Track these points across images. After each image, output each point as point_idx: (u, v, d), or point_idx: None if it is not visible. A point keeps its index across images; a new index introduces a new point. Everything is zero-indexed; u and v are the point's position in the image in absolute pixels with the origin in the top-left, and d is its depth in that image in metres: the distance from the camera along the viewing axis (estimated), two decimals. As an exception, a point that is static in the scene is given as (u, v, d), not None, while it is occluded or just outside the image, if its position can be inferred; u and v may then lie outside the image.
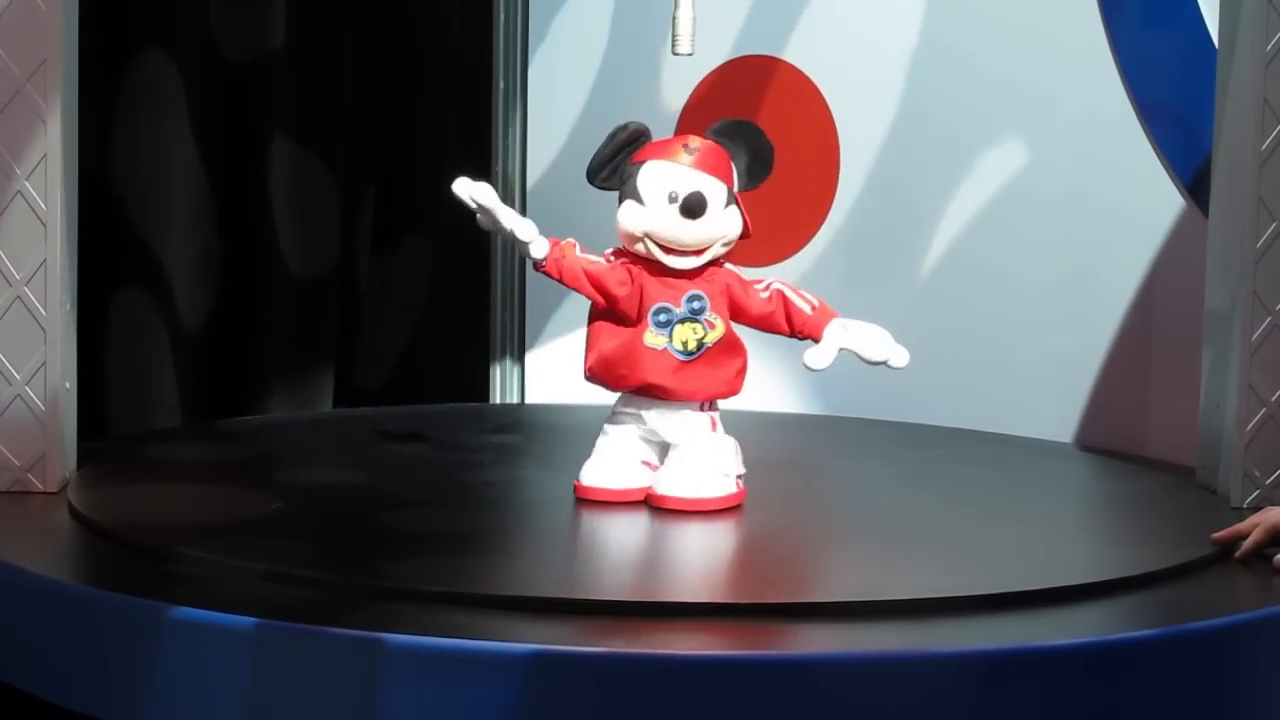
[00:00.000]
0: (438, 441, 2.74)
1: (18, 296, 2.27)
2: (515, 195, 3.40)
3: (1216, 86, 2.44)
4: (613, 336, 2.26)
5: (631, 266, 2.26)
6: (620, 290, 2.25)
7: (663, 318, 2.24)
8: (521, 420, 3.11)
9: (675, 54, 2.55)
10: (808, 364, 2.24)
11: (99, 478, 2.36)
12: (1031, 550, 2.15)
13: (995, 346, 2.96)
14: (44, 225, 2.27)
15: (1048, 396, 2.91)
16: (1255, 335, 2.36)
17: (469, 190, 2.25)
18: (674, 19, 2.53)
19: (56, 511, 2.21)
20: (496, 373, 3.43)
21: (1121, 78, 2.82)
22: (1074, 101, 2.88)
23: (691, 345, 2.25)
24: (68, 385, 2.33)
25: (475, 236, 3.39)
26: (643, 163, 2.25)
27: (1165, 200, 2.78)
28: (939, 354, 2.99)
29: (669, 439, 2.28)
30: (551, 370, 3.38)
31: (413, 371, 3.33)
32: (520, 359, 3.43)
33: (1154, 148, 2.79)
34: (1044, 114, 2.92)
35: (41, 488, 2.29)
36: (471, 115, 3.38)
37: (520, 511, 2.43)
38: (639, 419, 2.28)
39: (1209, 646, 1.82)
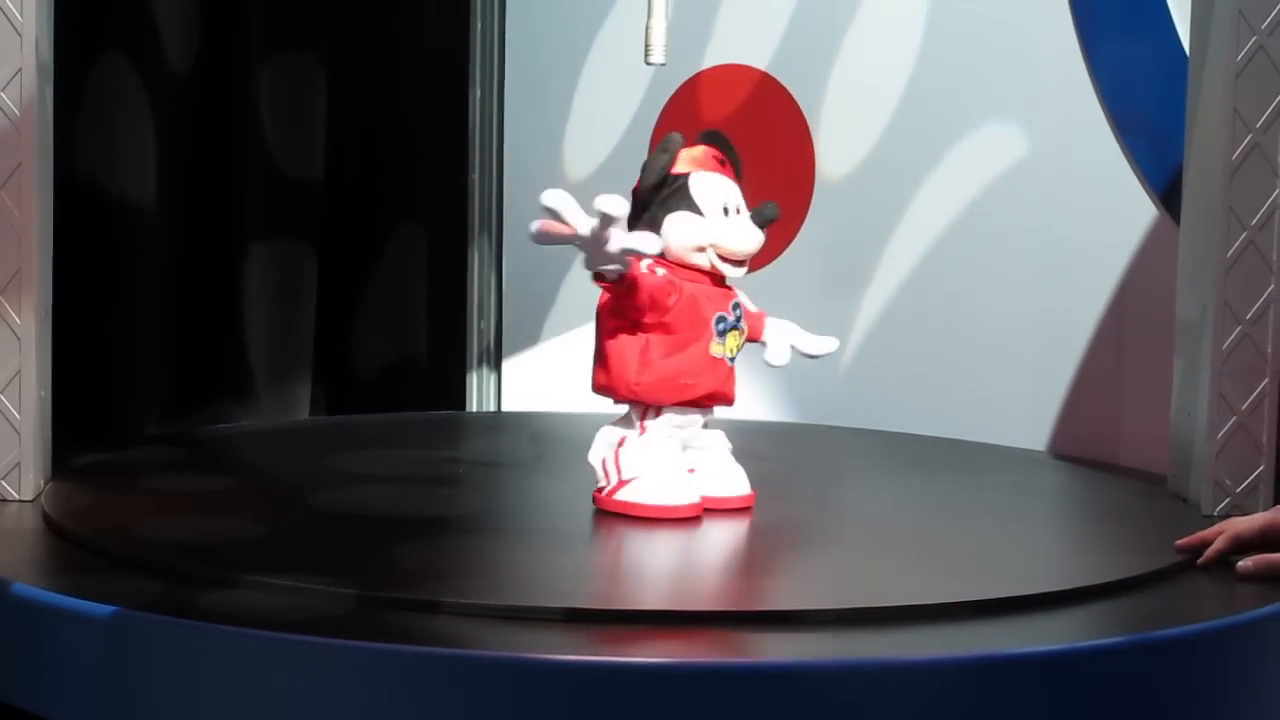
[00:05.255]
0: (415, 449, 2.74)
1: (-8, 305, 2.28)
2: (491, 201, 3.41)
3: (1188, 96, 2.46)
4: (671, 349, 2.24)
5: (673, 278, 2.24)
6: (671, 302, 2.23)
7: (721, 326, 2.26)
8: (499, 428, 3.11)
9: (648, 64, 2.56)
10: (771, 362, 2.35)
11: (73, 486, 2.36)
12: (1003, 558, 2.16)
13: (968, 355, 2.97)
14: (18, 233, 2.27)
15: (1021, 404, 2.93)
16: (1226, 344, 2.37)
17: (602, 205, 2.04)
18: (646, 29, 2.54)
19: (31, 519, 2.22)
20: (473, 381, 3.44)
21: (1095, 87, 2.83)
22: (1048, 111, 2.90)
23: (734, 351, 2.28)
24: (42, 394, 2.33)
25: (452, 245, 3.44)
26: (685, 175, 2.26)
27: (1138, 209, 2.80)
28: (912, 362, 3.01)
29: (699, 445, 2.30)
30: (528, 378, 3.39)
31: (390, 380, 3.33)
32: (497, 367, 3.44)
33: (1127, 157, 2.81)
34: (1017, 123, 2.93)
35: (16, 496, 2.30)
36: (448, 125, 3.39)
37: (502, 518, 2.43)
38: (681, 428, 2.28)
39: (1176, 654, 1.83)
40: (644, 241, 2.11)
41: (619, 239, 2.09)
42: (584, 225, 2.06)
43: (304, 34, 3.15)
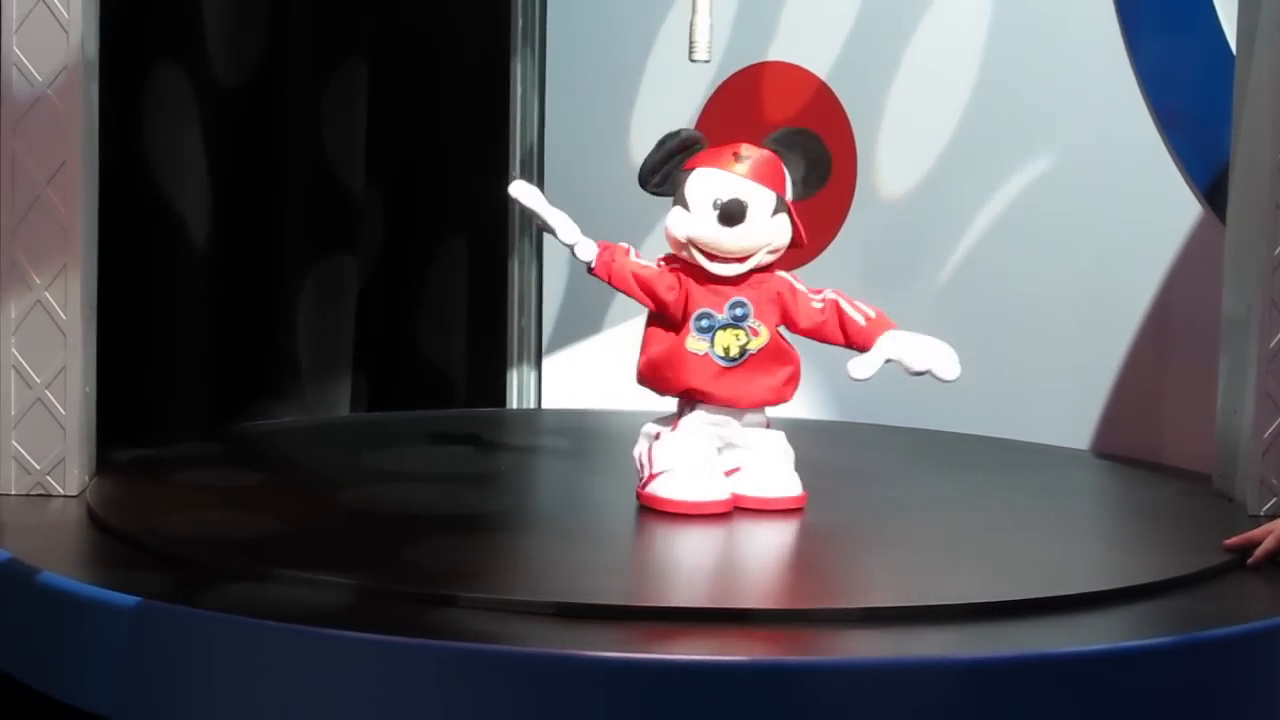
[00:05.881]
0: (454, 446, 2.74)
1: (38, 301, 2.29)
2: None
3: (1234, 93, 2.44)
4: (661, 341, 2.28)
5: (680, 272, 2.27)
6: (669, 295, 2.26)
7: (704, 323, 2.26)
8: (539, 425, 3.11)
9: (692, 61, 2.55)
10: (851, 373, 2.25)
11: (118, 481, 2.37)
12: (1047, 557, 2.15)
13: (1012, 353, 2.96)
14: (64, 230, 2.28)
15: (1064, 403, 2.91)
16: (1273, 342, 2.35)
17: (517, 193, 2.30)
18: (690, 26, 2.53)
19: (76, 515, 2.23)
20: (514, 378, 3.44)
21: (1140, 86, 2.82)
22: (1092, 109, 2.88)
23: (734, 351, 2.26)
24: (88, 389, 2.34)
25: (493, 242, 3.44)
26: (693, 170, 2.27)
27: (1183, 207, 2.78)
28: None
29: (745, 445, 2.29)
30: (568, 376, 3.39)
31: (430, 376, 3.34)
32: (537, 364, 3.44)
33: (1172, 155, 2.79)
34: (1062, 122, 2.92)
35: (61, 491, 2.31)
36: (489, 122, 3.39)
37: (540, 515, 2.44)
38: (717, 425, 2.28)
39: (1223, 654, 1.82)
40: (563, 230, 2.28)
41: (550, 221, 2.28)
42: (549, 215, 2.29)
43: (346, 37, 3.16)
